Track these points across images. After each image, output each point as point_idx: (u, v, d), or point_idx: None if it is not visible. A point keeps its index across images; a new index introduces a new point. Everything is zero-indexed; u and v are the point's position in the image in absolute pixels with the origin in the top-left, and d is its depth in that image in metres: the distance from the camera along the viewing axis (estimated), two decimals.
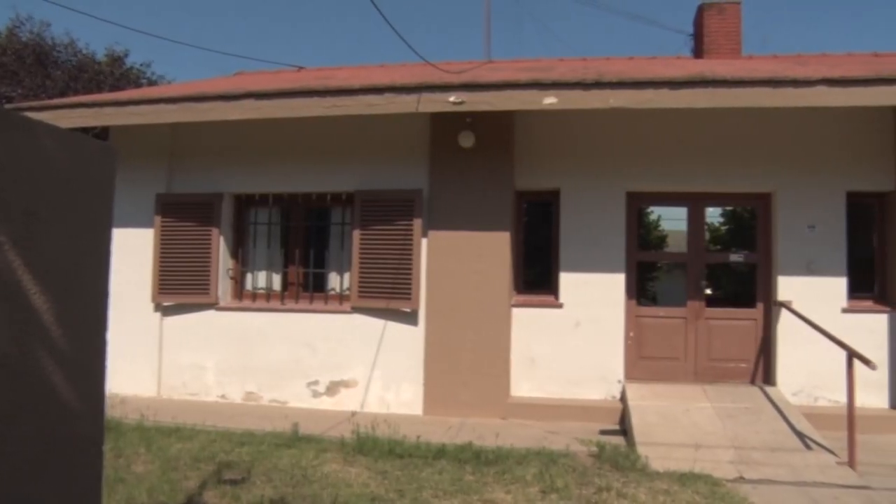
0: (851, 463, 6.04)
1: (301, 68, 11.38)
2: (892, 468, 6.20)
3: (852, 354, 6.38)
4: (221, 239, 8.83)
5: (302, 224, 9.04)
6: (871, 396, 7.92)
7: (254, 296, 9.00)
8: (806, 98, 7.15)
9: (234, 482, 5.10)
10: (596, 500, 5.00)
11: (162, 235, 8.83)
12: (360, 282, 8.40)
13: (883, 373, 7.90)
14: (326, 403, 8.42)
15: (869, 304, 8.28)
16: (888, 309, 8.14)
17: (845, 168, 8.21)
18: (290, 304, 8.82)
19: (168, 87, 13.47)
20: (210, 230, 8.78)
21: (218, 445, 6.14)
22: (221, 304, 8.83)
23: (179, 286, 8.75)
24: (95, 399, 2.02)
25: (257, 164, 8.86)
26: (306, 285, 8.95)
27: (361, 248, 8.41)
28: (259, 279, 9.08)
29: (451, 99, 7.51)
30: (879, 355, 7.84)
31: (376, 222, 8.40)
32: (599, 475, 5.57)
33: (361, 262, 8.40)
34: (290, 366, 8.55)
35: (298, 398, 8.50)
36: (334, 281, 8.91)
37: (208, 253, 8.75)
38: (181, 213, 8.83)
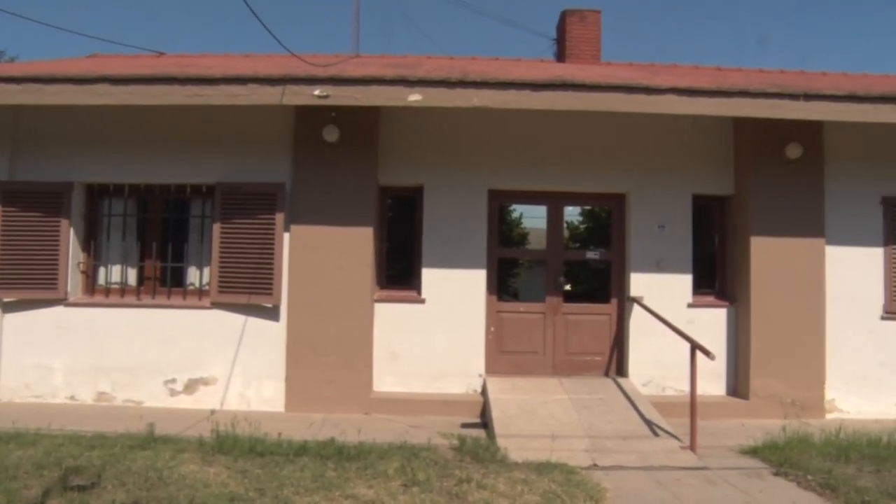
0: (693, 447, 6.64)
1: (161, 54, 11.06)
2: (727, 449, 6.88)
3: (695, 346, 6.97)
4: (71, 231, 8.50)
5: (160, 216, 8.85)
6: (712, 385, 8.69)
7: (107, 291, 8.73)
8: (657, 105, 7.74)
9: (82, 488, 4.91)
10: (457, 491, 5.17)
11: (2, 226, 8.39)
12: (220, 277, 8.34)
13: (722, 363, 8.69)
14: (185, 402, 8.30)
15: (711, 299, 9.04)
16: (727, 304, 8.93)
17: (692, 172, 8.93)
18: (146, 299, 8.62)
19: (10, 66, 12.77)
20: (58, 221, 8.44)
21: (65, 450, 5.87)
22: (71, 299, 8.51)
23: (23, 281, 8.36)
24: None
25: (112, 152, 8.58)
26: (164, 280, 8.77)
27: (222, 243, 8.35)
28: (113, 273, 8.82)
29: (316, 92, 7.58)
30: (719, 347, 8.63)
31: (237, 216, 8.36)
32: (460, 467, 5.76)
33: (222, 257, 8.34)
34: (146, 364, 8.36)
35: (155, 397, 8.34)
36: (193, 276, 8.78)
37: (56, 245, 8.41)
38: (26, 203, 8.43)
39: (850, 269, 8.66)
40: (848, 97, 7.77)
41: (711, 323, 8.81)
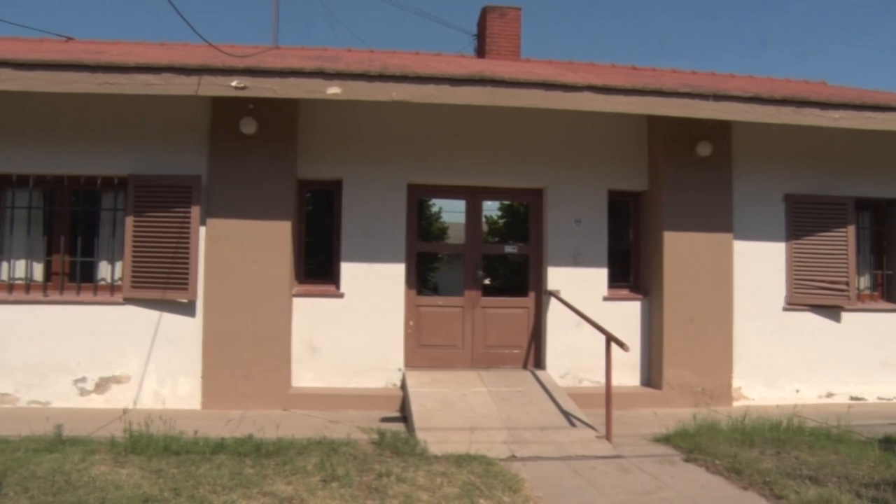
0: (608, 436, 6.90)
1: (69, 39, 10.72)
2: (641, 437, 7.20)
3: (610, 339, 7.22)
4: None
5: (68, 209, 8.60)
6: (627, 376, 9.04)
7: (10, 287, 8.44)
8: (574, 102, 7.98)
9: None
10: (376, 485, 5.23)
11: None
12: (133, 271, 8.18)
13: (636, 354, 9.07)
14: (96, 402, 8.13)
15: (626, 292, 9.40)
16: (641, 297, 9.29)
17: (608, 168, 9.25)
18: (54, 295, 8.38)
19: None
20: None
21: None
22: None
23: None
24: None
25: (15, 141, 8.30)
26: (73, 275, 8.53)
27: (135, 236, 8.19)
28: (17, 269, 8.53)
29: (234, 83, 7.51)
30: (634, 339, 9.00)
31: (151, 209, 8.22)
32: (380, 461, 5.82)
33: (135, 251, 8.18)
34: (53, 363, 8.14)
35: (64, 398, 8.12)
36: (105, 270, 8.60)
37: None
38: None
39: (756, 262, 9.17)
40: (753, 98, 8.20)
41: (626, 315, 9.16)
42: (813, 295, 9.26)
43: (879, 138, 9.09)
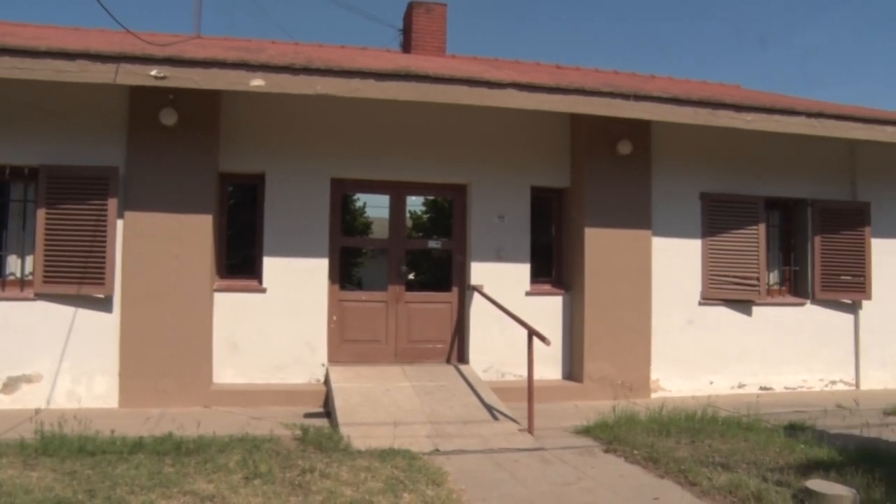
0: (530, 429, 7.09)
1: None
2: (563, 430, 7.40)
3: (532, 333, 7.41)
4: None
5: None
6: (549, 369, 9.29)
7: None
8: (498, 98, 8.17)
9: None
10: (300, 482, 5.23)
11: None
12: (45, 266, 7.95)
13: (558, 348, 9.32)
14: (3, 402, 7.86)
15: (548, 287, 9.65)
16: (563, 292, 9.56)
17: (531, 165, 9.48)
18: None
19: None
20: None
21: None
22: None
23: None
24: None
25: None
26: None
27: (48, 229, 7.97)
28: None
29: (153, 73, 7.38)
30: (555, 333, 9.24)
31: (66, 201, 8.01)
32: (303, 457, 5.83)
33: (48, 244, 7.95)
34: None
35: None
36: (14, 265, 8.34)
37: None
38: None
39: (673, 258, 9.56)
40: (672, 100, 8.55)
41: (548, 310, 9.41)
42: (726, 290, 9.69)
43: (788, 141, 9.59)
